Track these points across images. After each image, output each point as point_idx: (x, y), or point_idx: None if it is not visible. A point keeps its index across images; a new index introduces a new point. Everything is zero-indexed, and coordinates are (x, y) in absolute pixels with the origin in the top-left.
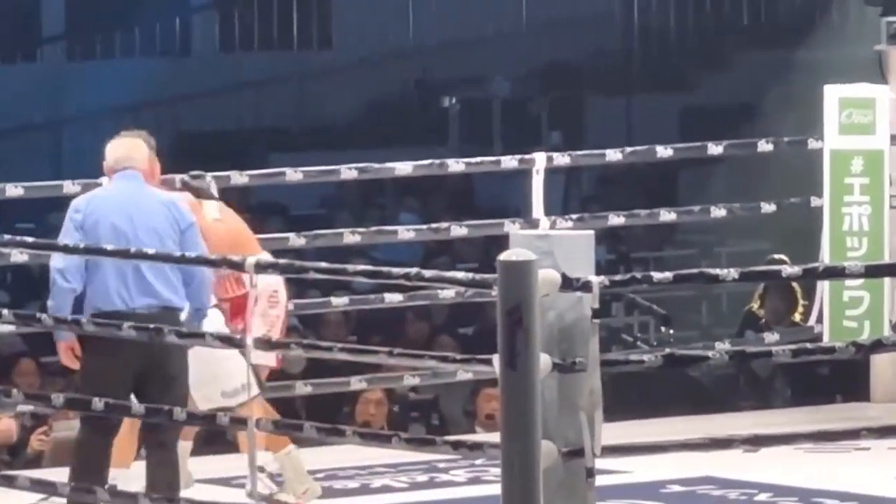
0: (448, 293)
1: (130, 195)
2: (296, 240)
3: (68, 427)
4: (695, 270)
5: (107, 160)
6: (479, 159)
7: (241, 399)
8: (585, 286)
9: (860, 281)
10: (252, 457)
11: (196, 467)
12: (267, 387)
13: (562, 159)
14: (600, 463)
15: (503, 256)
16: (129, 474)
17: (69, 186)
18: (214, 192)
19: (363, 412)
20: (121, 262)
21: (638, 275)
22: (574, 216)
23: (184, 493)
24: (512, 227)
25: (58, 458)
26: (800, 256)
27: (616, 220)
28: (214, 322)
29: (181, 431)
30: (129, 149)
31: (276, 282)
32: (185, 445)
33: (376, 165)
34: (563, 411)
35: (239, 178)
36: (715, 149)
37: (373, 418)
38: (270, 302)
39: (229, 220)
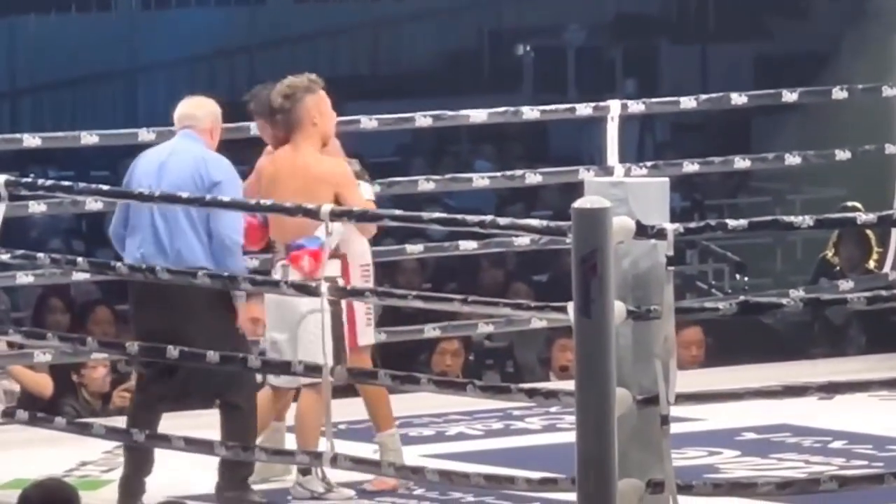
0: (523, 241)
1: (169, 152)
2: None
3: None
4: (769, 218)
5: (174, 118)
6: (553, 107)
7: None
8: (660, 233)
9: None
10: (327, 408)
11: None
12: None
13: (636, 107)
14: (675, 410)
15: (578, 204)
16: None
17: (144, 134)
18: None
19: (440, 362)
20: (145, 219)
21: (712, 222)
22: (648, 163)
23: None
24: (586, 175)
25: None
26: (874, 203)
27: (690, 167)
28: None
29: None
30: (192, 107)
31: (367, 251)
32: (278, 426)
33: (451, 113)
34: (638, 359)
35: None
36: (789, 96)
37: (449, 368)
38: (363, 275)
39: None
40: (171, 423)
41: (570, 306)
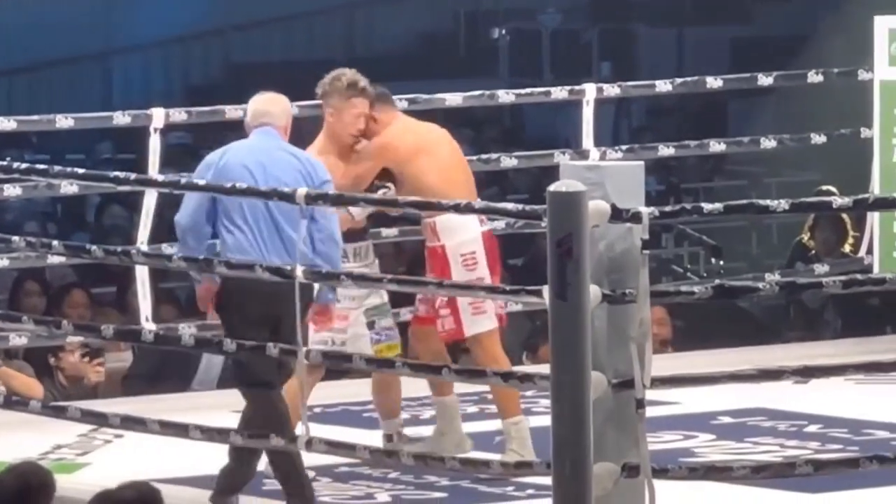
0: (498, 224)
1: (265, 148)
2: None
3: (118, 359)
4: (745, 201)
5: (247, 115)
6: (528, 90)
7: None
8: (635, 217)
9: None
10: (302, 391)
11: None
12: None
13: (612, 90)
14: (650, 394)
15: (553, 187)
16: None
17: (119, 118)
18: None
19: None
20: (258, 217)
21: (688, 206)
22: (624, 147)
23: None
24: (562, 158)
25: (110, 390)
26: (850, 187)
27: (666, 150)
28: None
29: (444, 387)
30: (267, 104)
31: (472, 241)
32: (451, 401)
33: (426, 96)
34: (613, 342)
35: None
36: (765, 80)
37: None
38: (467, 266)
39: None
40: (145, 406)
41: (546, 290)
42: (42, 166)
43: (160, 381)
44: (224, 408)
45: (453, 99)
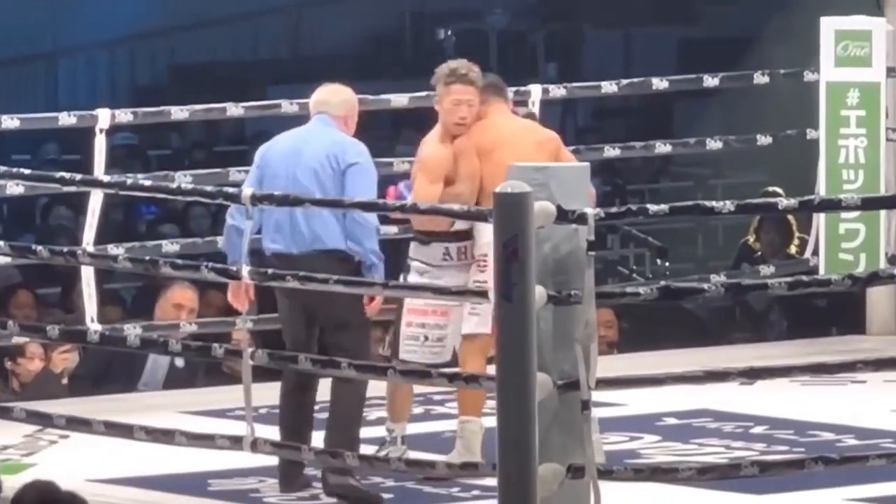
0: None
1: (309, 135)
2: None
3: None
4: (690, 203)
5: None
6: None
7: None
8: (581, 218)
9: (856, 213)
10: (247, 392)
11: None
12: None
13: (558, 91)
14: (596, 395)
15: (499, 188)
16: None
17: (64, 118)
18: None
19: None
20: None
21: (633, 207)
22: (570, 148)
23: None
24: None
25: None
26: (796, 189)
27: (612, 151)
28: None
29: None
30: (327, 94)
31: (486, 245)
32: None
33: (372, 97)
34: (559, 344)
35: (235, 109)
36: (711, 81)
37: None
38: (480, 266)
39: None
40: (91, 406)
41: (492, 291)
42: None
43: (106, 381)
44: (170, 408)
45: (399, 100)
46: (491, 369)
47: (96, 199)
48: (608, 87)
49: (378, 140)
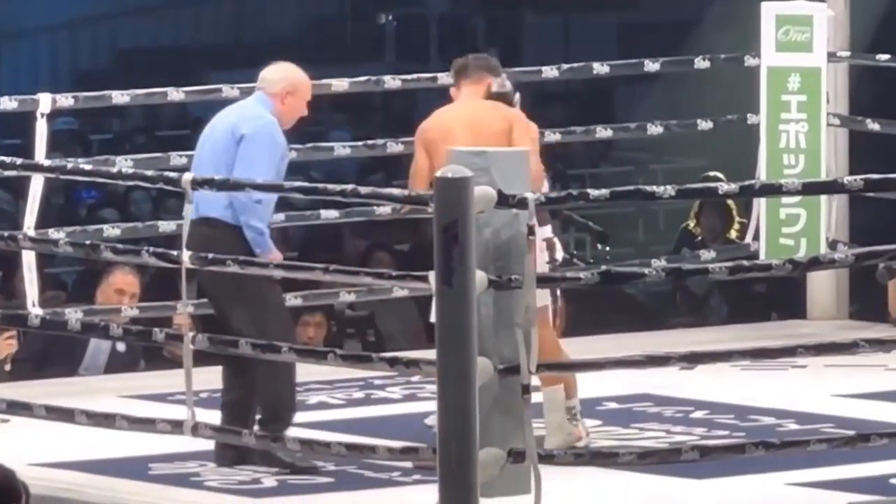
0: (384, 210)
1: (227, 111)
2: None
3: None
4: (631, 187)
5: None
6: (415, 76)
7: None
8: (521, 203)
9: (797, 198)
10: (188, 377)
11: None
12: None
13: None
14: (536, 380)
15: (440, 173)
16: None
17: (5, 102)
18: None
19: (302, 334)
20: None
21: (574, 192)
22: None
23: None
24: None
25: None
26: (736, 174)
27: (552, 136)
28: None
29: (546, 379)
30: (268, 70)
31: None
32: (556, 392)
33: (313, 82)
34: (499, 328)
35: (175, 94)
36: (651, 66)
37: (311, 340)
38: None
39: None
40: (33, 390)
41: (432, 275)
42: None
43: (47, 365)
44: (111, 392)
45: (340, 84)
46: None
47: (37, 184)
48: (549, 72)
49: (319, 124)
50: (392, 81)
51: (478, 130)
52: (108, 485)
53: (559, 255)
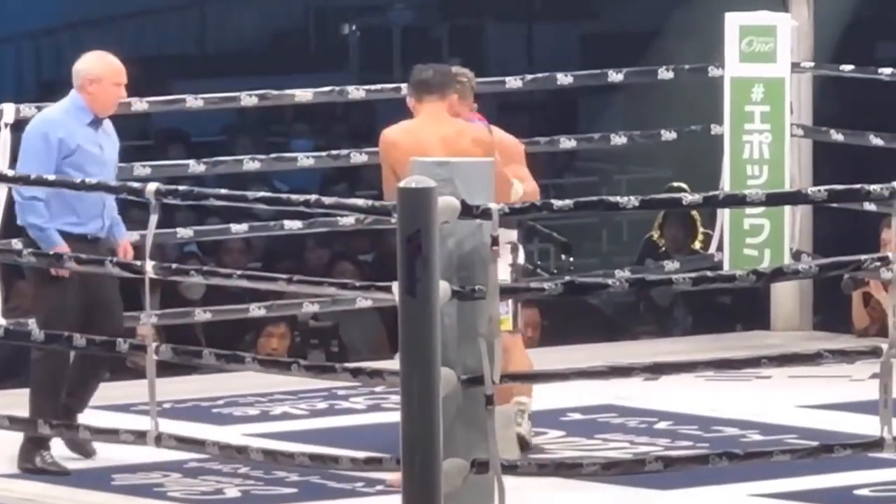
0: (348, 220)
1: None
2: (196, 166)
3: None
4: (595, 198)
5: None
6: (378, 86)
7: None
8: (485, 213)
9: (761, 209)
10: (151, 387)
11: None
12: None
13: None
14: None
15: (403, 183)
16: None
17: None
18: None
19: (266, 345)
20: None
21: (538, 202)
22: None
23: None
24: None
25: None
26: (700, 184)
27: None
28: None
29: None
30: (77, 62)
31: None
32: (505, 410)
33: (276, 92)
34: (463, 339)
35: (139, 104)
36: (615, 76)
37: (275, 351)
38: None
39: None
40: None
41: (396, 286)
42: None
43: (10, 376)
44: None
45: (303, 95)
46: None
47: (1, 194)
48: (512, 82)
49: (282, 135)
50: (356, 92)
51: (452, 153)
52: (71, 495)
53: (521, 259)
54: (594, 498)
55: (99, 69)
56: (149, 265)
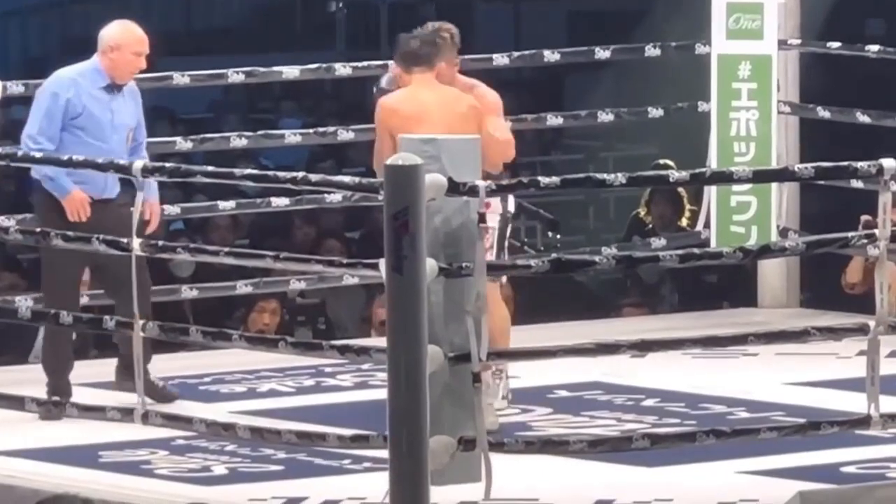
0: (335, 197)
1: None
2: (183, 143)
3: None
4: (582, 175)
5: None
6: (365, 63)
7: None
8: (472, 190)
9: (748, 186)
10: (138, 364)
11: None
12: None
13: None
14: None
15: (389, 161)
16: None
17: None
18: None
19: (257, 321)
20: None
21: (525, 179)
22: None
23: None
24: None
25: None
26: (687, 162)
27: None
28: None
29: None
30: (102, 29)
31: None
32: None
33: (263, 69)
34: (450, 316)
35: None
36: (602, 53)
37: (266, 327)
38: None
39: None
40: None
41: (382, 263)
42: None
43: None
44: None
45: (290, 72)
46: None
47: None
48: (500, 59)
49: (269, 112)
50: (343, 69)
51: (465, 118)
52: (58, 473)
53: (511, 207)
54: (581, 475)
55: (119, 37)
56: (136, 242)
